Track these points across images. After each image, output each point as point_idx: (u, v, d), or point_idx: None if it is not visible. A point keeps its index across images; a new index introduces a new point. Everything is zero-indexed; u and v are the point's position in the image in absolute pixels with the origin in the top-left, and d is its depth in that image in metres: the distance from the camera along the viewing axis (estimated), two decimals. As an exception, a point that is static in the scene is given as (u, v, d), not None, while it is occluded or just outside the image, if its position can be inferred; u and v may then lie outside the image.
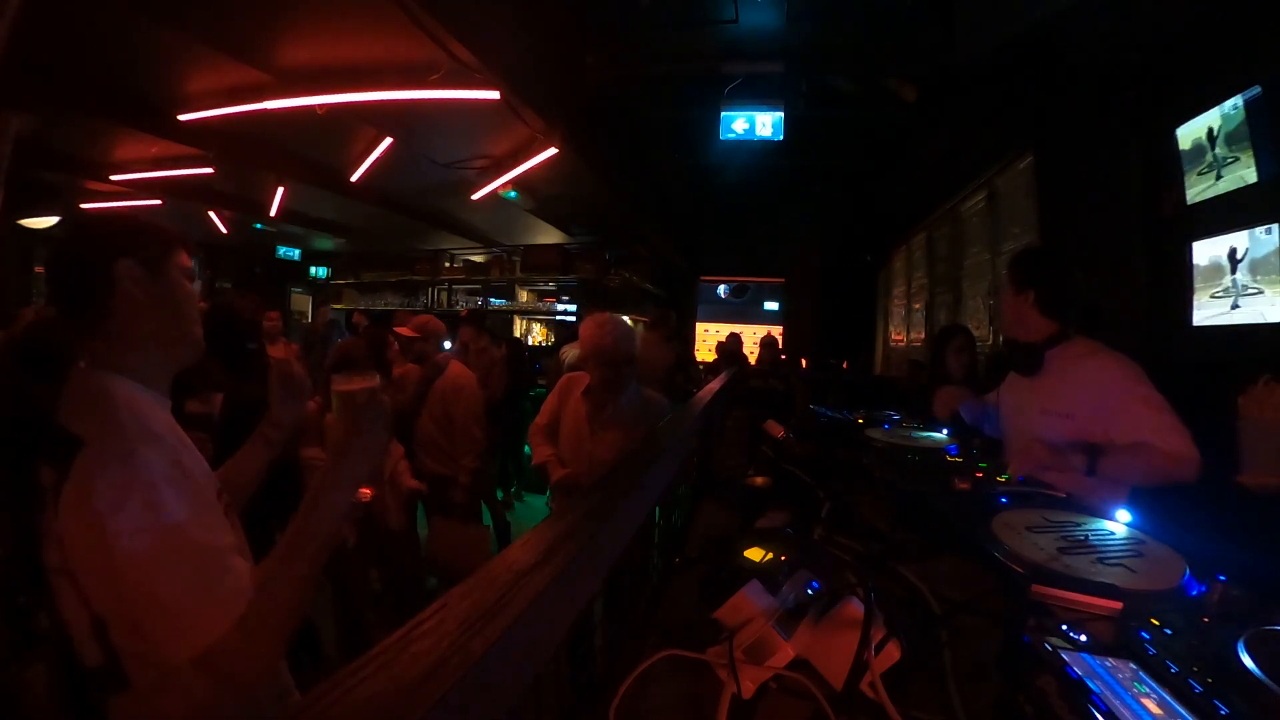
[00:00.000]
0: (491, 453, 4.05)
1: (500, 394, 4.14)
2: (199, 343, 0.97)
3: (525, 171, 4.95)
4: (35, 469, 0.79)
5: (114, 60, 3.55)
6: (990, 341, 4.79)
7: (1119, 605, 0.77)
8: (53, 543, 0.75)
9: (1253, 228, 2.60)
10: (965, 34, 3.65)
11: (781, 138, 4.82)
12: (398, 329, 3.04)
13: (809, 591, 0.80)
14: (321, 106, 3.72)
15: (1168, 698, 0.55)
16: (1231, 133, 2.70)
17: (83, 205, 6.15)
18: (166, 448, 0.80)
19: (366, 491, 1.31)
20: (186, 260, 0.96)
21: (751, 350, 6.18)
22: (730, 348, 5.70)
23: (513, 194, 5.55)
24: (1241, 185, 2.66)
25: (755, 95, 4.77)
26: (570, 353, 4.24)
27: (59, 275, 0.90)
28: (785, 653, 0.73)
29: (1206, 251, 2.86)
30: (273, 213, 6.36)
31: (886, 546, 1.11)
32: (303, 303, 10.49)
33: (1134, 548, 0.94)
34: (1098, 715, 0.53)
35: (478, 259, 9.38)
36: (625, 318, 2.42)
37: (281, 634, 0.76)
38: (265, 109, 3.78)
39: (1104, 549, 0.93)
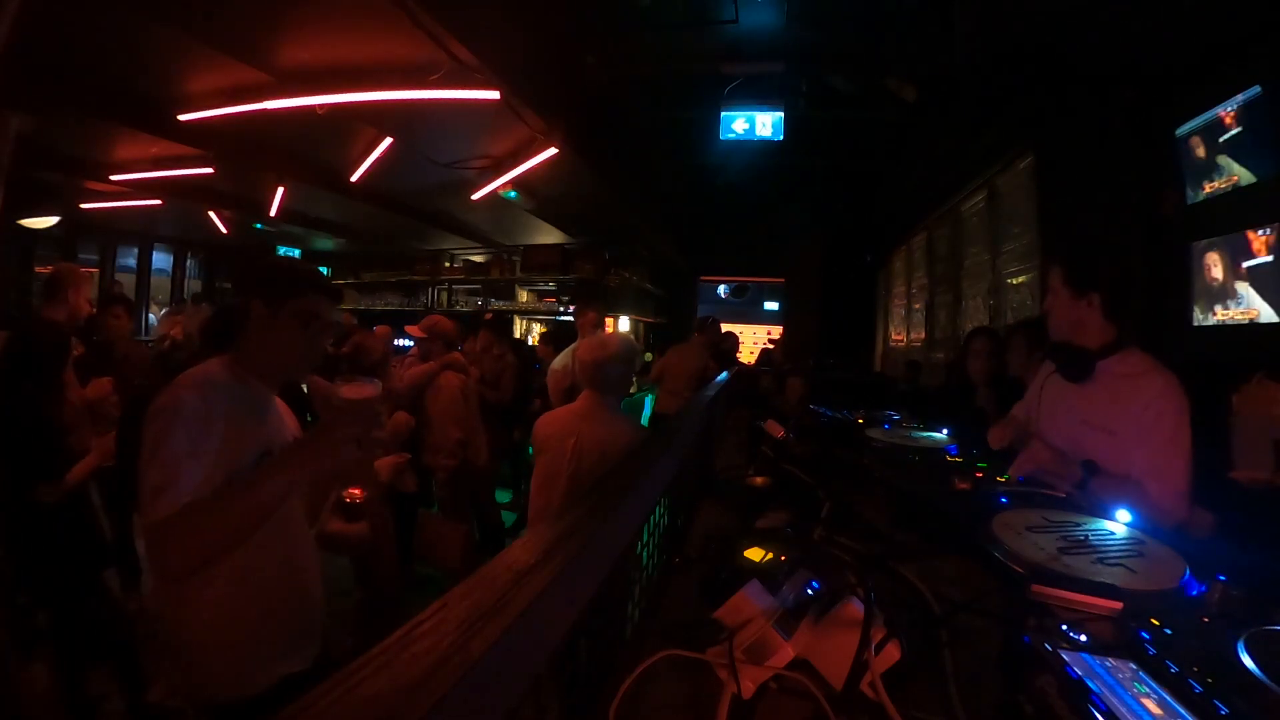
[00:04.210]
0: (501, 453, 4.11)
1: (510, 396, 4.23)
2: (295, 377, 1.25)
3: (525, 171, 4.94)
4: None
5: (114, 60, 3.54)
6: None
7: (1119, 605, 0.77)
8: None
9: (1253, 228, 2.60)
10: (965, 34, 3.65)
11: (781, 138, 4.83)
12: (407, 329, 3.11)
13: (809, 591, 0.80)
14: (321, 106, 3.71)
15: (1168, 698, 0.55)
16: (1231, 133, 2.70)
17: (82, 205, 6.14)
18: (200, 405, 1.04)
19: (357, 492, 1.34)
20: (309, 305, 1.17)
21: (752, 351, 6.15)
22: (724, 349, 5.57)
23: (513, 194, 5.54)
24: (1241, 185, 2.66)
25: (755, 95, 4.78)
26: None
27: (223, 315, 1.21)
28: (785, 653, 0.73)
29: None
30: (273, 213, 6.35)
31: (886, 546, 1.11)
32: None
33: (1134, 548, 0.94)
34: (1098, 715, 0.53)
35: (478, 259, 9.36)
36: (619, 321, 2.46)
37: (201, 548, 0.95)
38: (265, 109, 3.77)
39: (1104, 549, 0.93)
